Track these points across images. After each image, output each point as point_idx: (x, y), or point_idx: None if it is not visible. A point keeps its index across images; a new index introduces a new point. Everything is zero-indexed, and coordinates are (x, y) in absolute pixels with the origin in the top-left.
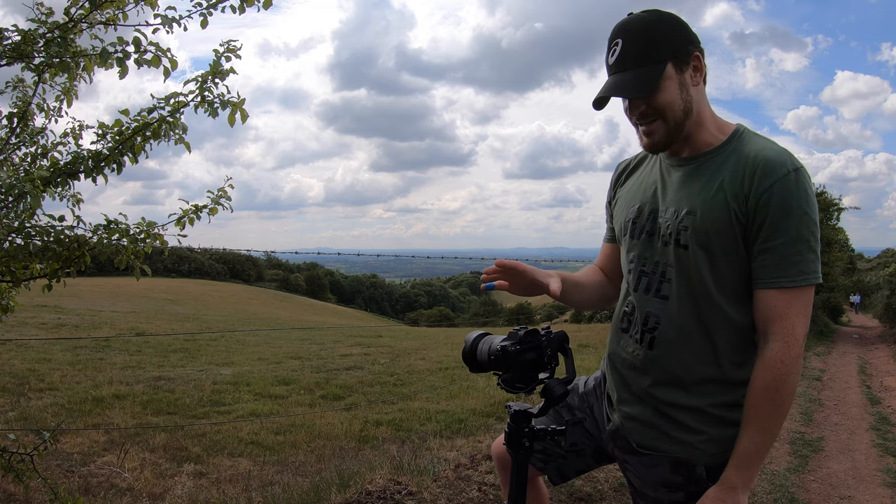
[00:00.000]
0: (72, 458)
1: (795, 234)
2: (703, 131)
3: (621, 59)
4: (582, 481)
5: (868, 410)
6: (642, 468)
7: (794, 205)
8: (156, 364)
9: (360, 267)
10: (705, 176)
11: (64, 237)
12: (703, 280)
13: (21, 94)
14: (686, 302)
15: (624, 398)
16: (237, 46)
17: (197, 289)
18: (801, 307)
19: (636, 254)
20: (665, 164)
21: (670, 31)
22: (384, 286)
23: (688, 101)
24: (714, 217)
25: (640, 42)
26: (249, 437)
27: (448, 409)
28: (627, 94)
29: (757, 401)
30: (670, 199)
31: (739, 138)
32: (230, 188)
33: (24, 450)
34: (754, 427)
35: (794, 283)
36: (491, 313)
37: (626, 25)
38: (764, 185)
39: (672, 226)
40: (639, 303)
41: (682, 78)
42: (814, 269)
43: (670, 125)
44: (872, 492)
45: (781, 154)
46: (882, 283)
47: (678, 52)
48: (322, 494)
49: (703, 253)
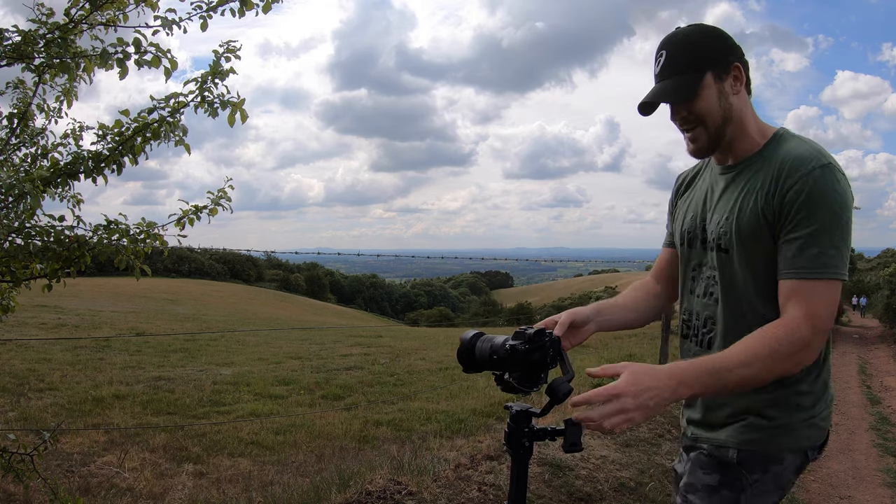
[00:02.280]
0: (72, 458)
1: (819, 228)
2: (746, 138)
3: (664, 69)
4: (582, 481)
5: (868, 410)
6: (689, 464)
7: (818, 200)
8: (156, 364)
9: (360, 267)
10: (743, 181)
11: (64, 237)
12: (743, 282)
13: (21, 94)
14: (731, 304)
15: (689, 402)
16: (237, 47)
17: (197, 289)
18: (823, 300)
19: (694, 262)
20: (714, 174)
21: (711, 43)
22: (384, 286)
23: (727, 108)
24: (748, 220)
25: (682, 53)
26: (249, 437)
27: (448, 409)
28: (667, 99)
29: (764, 342)
30: (716, 207)
31: (777, 141)
32: (230, 188)
33: (24, 450)
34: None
35: (815, 274)
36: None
37: (671, 38)
38: (790, 181)
39: (715, 232)
40: (698, 308)
41: (721, 86)
42: (836, 265)
43: (710, 131)
44: (872, 492)
45: (811, 151)
46: (882, 283)
47: (718, 62)
48: (322, 494)
49: (741, 256)
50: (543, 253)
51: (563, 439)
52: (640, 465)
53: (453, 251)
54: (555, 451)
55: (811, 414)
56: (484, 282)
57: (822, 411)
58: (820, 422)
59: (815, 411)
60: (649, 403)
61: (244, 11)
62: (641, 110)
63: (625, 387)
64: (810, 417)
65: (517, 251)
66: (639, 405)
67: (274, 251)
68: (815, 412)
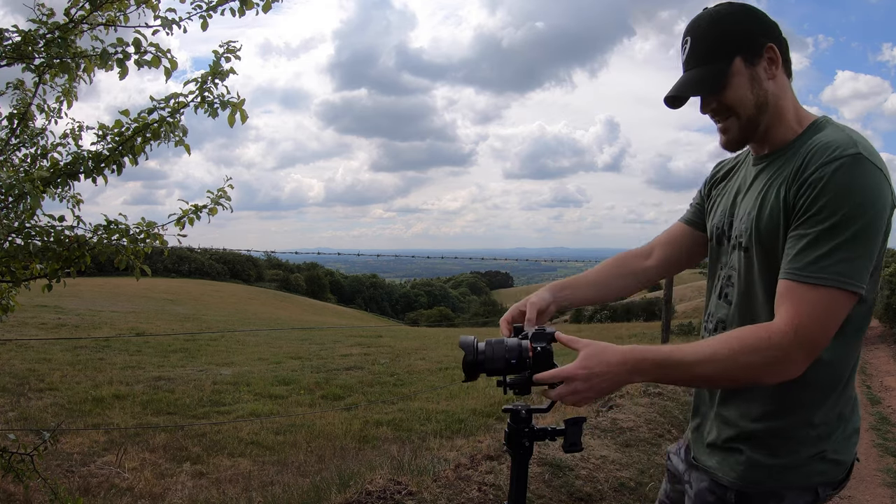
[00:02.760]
0: (72, 458)
1: (833, 226)
2: (782, 126)
3: (690, 57)
4: (582, 481)
5: (868, 410)
6: (695, 483)
7: (837, 192)
8: (156, 364)
9: (360, 267)
10: (771, 172)
11: (64, 237)
12: (760, 285)
13: (21, 94)
14: (744, 307)
15: (695, 406)
16: (237, 47)
17: (197, 289)
18: (815, 310)
19: (722, 261)
20: (750, 165)
21: (739, 24)
22: (384, 286)
23: (761, 95)
24: (768, 215)
25: (707, 38)
26: (249, 437)
27: (448, 409)
28: (693, 91)
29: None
30: (742, 201)
31: (813, 129)
32: (230, 188)
33: (24, 450)
34: (705, 353)
35: (811, 278)
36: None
37: (696, 22)
38: (809, 170)
39: (737, 229)
40: (712, 308)
41: (753, 72)
42: (843, 272)
43: (743, 122)
44: (872, 492)
45: (842, 139)
46: (882, 283)
47: (748, 45)
48: (322, 494)
49: (759, 256)
50: (543, 253)
51: (563, 439)
52: (640, 465)
53: (453, 251)
54: (555, 451)
55: (821, 448)
56: (484, 282)
57: (838, 444)
58: (834, 454)
59: (827, 444)
60: (601, 386)
61: (244, 11)
62: (669, 103)
63: (575, 371)
64: (821, 452)
65: (517, 251)
66: (589, 387)
67: (274, 251)
68: (829, 445)
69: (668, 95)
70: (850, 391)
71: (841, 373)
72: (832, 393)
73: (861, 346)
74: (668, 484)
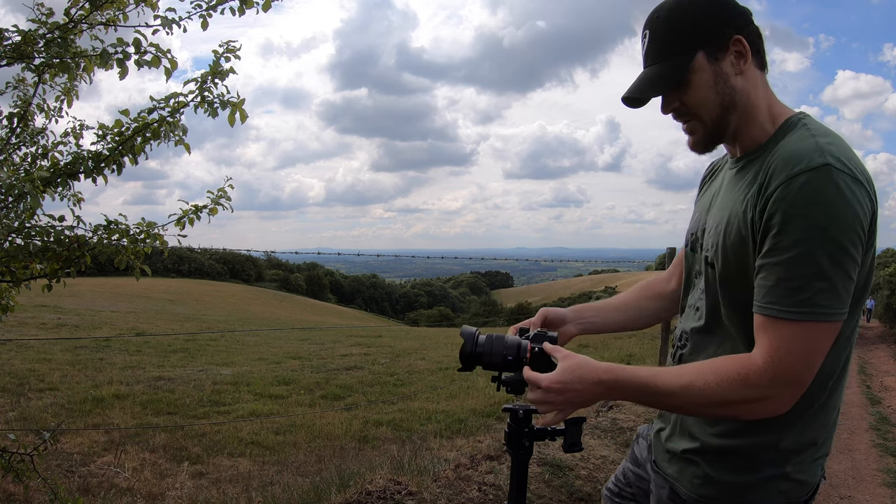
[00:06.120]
0: (72, 458)
1: (800, 253)
2: (754, 127)
3: (648, 53)
4: (582, 481)
5: (868, 410)
6: (656, 487)
7: (802, 215)
8: (156, 364)
9: (360, 267)
10: (743, 180)
11: (64, 237)
12: (725, 305)
13: (21, 94)
14: (707, 323)
15: (661, 411)
16: (236, 47)
17: (197, 289)
18: (795, 347)
19: (696, 269)
20: (727, 167)
21: (700, 15)
22: (384, 286)
23: (726, 93)
24: (735, 230)
25: (665, 31)
26: (249, 437)
27: (448, 409)
28: (648, 92)
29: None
30: (716, 210)
31: (784, 130)
32: (230, 188)
33: (24, 450)
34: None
35: (789, 314)
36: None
37: (655, 13)
38: (771, 188)
39: (707, 241)
40: (684, 320)
41: (717, 67)
42: (821, 303)
43: (707, 123)
44: (872, 492)
45: (806, 148)
46: (882, 283)
47: (711, 37)
48: (322, 494)
49: (723, 273)
50: (543, 253)
51: (563, 439)
52: None
53: (453, 251)
54: (555, 451)
55: (784, 470)
56: (484, 282)
57: (804, 465)
58: (798, 475)
59: (792, 466)
60: (574, 400)
61: (244, 10)
62: (628, 104)
63: (550, 383)
64: (784, 472)
65: (517, 251)
66: (563, 400)
67: (274, 251)
68: (793, 467)
69: (624, 97)
70: (827, 413)
71: (815, 392)
72: (805, 413)
73: (844, 358)
74: (628, 463)
